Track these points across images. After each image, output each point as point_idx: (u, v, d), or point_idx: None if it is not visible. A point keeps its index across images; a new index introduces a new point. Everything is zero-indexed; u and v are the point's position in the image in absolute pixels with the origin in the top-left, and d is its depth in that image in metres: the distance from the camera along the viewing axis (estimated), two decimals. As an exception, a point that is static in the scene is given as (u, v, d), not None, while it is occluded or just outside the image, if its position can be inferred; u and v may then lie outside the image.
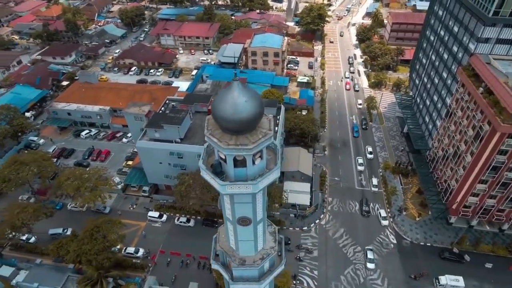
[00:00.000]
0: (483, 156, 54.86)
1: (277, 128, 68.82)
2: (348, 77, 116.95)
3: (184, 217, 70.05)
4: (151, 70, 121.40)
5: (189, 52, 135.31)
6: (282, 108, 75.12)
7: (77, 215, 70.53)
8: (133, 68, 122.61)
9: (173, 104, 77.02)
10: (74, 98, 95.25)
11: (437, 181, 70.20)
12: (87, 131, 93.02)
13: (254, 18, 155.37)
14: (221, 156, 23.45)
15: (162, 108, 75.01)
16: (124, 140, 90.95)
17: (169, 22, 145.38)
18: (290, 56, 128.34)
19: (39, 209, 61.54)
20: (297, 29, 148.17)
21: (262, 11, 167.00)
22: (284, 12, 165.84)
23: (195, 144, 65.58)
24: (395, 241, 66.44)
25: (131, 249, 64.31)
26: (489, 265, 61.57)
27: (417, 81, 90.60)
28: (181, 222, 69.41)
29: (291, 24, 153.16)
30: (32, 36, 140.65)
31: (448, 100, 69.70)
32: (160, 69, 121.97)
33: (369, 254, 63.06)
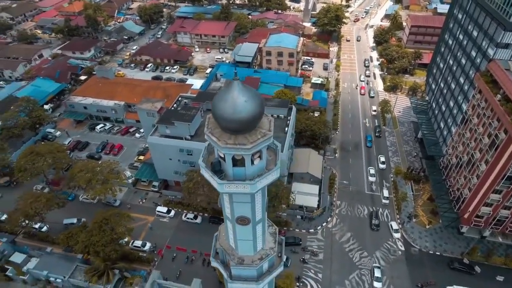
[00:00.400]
0: (498, 165, 53.10)
1: (287, 129, 68.52)
2: (363, 81, 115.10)
3: (192, 214, 70.70)
4: (167, 67, 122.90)
5: (205, 50, 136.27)
6: (293, 109, 74.64)
7: (88, 207, 72.06)
8: (149, 65, 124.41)
9: (185, 101, 77.73)
10: (91, 92, 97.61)
11: (450, 189, 68.38)
12: (102, 125, 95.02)
13: (271, 18, 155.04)
14: (220, 155, 23.55)
15: (174, 105, 75.79)
16: (137, 135, 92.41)
17: (186, 20, 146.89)
18: (305, 57, 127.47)
19: (52, 199, 63.23)
20: (314, 30, 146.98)
21: (279, 11, 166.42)
22: (301, 13, 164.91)
23: (205, 142, 65.89)
24: (403, 248, 65.15)
25: (138, 243, 65.43)
26: (501, 278, 59.63)
27: (434, 86, 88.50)
28: (189, 219, 70.11)
29: (308, 25, 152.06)
30: (54, 31, 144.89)
31: (464, 106, 67.83)
32: (176, 67, 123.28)
33: (377, 272, 59.72)
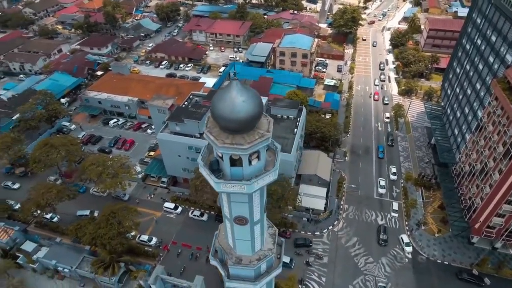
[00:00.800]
0: (512, 175, 51.57)
1: (296, 130, 68.22)
2: (378, 85, 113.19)
3: (198, 211, 71.27)
4: (181, 65, 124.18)
5: (219, 49, 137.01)
6: (304, 110, 74.21)
7: (98, 200, 73.58)
8: (164, 62, 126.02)
9: (197, 99, 78.39)
10: (106, 88, 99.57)
11: (461, 198, 66.65)
12: (115, 120, 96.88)
13: (286, 18, 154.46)
14: (219, 154, 23.64)
15: (185, 103, 76.50)
16: (149, 131, 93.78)
17: (202, 19, 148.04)
18: (319, 58, 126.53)
19: (63, 191, 64.84)
20: (329, 31, 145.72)
21: (295, 12, 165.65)
22: (318, 14, 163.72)
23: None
24: (410, 256, 63.93)
25: (145, 237, 66.39)
26: (511, 292, 57.96)
27: (449, 91, 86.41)
28: (195, 216, 70.68)
29: (324, 26, 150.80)
30: (74, 27, 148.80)
31: (480, 113, 65.99)
32: (190, 64, 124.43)
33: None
